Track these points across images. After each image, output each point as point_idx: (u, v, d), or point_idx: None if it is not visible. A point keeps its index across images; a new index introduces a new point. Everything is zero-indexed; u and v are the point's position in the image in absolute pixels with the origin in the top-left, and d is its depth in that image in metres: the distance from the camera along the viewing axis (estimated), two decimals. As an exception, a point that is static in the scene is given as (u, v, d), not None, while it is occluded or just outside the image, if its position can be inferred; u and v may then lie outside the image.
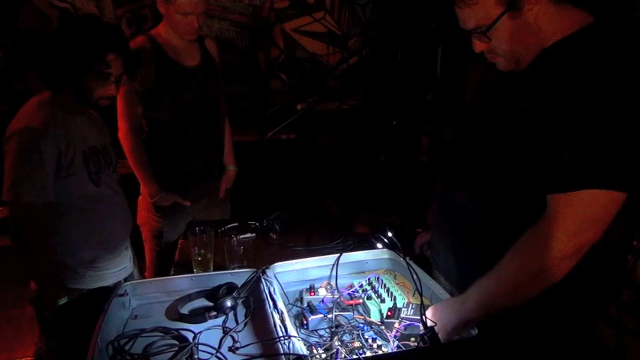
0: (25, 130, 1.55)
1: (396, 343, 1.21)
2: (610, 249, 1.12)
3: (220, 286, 1.40)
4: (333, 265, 1.51)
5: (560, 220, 1.02)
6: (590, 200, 0.99)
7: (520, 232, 1.09)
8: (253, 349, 1.19)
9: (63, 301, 1.66)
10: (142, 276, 2.13)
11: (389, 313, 1.29)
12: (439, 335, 1.16)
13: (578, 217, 1.00)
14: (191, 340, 1.21)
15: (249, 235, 1.98)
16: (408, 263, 1.39)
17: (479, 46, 1.18)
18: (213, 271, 1.68)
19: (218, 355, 1.18)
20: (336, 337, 1.20)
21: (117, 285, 1.40)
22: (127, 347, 1.17)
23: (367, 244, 1.74)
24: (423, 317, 1.19)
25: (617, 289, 1.31)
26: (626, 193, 0.99)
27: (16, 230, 1.59)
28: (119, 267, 1.86)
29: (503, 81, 1.24)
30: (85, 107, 1.74)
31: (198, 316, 1.31)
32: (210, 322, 1.31)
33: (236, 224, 2.12)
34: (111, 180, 1.81)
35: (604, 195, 0.99)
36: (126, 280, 1.88)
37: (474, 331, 1.16)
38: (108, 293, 1.33)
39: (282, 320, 1.20)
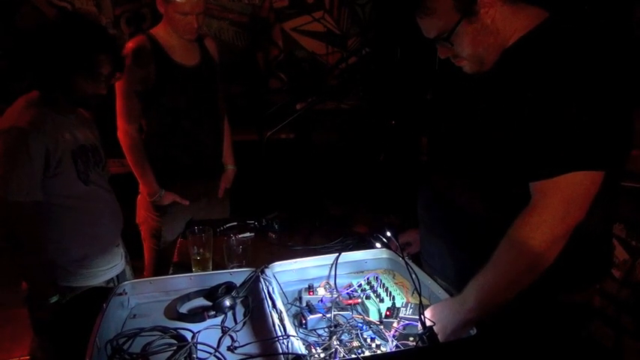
0: (12, 129, 1.55)
1: (395, 342, 1.21)
2: (593, 233, 1.17)
3: (219, 285, 1.40)
4: (332, 264, 1.52)
5: (548, 205, 1.07)
6: (572, 183, 1.05)
7: None
8: (252, 349, 1.19)
9: (54, 299, 1.66)
10: (137, 274, 2.13)
11: (387, 313, 1.29)
12: (438, 337, 1.16)
13: (564, 200, 1.06)
14: (190, 340, 1.21)
15: (248, 234, 1.99)
16: (407, 263, 1.39)
17: (443, 52, 1.24)
18: (212, 270, 1.68)
19: (217, 354, 1.18)
20: (334, 337, 1.20)
21: (110, 282, 1.40)
22: (125, 346, 1.18)
23: (366, 244, 1.74)
24: (422, 317, 1.19)
25: (605, 272, 1.38)
26: (604, 171, 1.05)
27: (4, 229, 1.59)
28: (110, 265, 1.86)
29: (473, 83, 1.28)
30: (73, 106, 1.74)
31: (196, 315, 1.31)
32: (208, 322, 1.31)
33: (235, 224, 2.12)
34: (100, 179, 1.81)
35: (585, 176, 1.05)
36: (118, 277, 1.88)
37: (473, 331, 1.16)
38: (101, 292, 1.33)
39: (281, 320, 1.20)
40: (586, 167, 1.04)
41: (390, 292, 1.39)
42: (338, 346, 1.16)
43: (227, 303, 1.33)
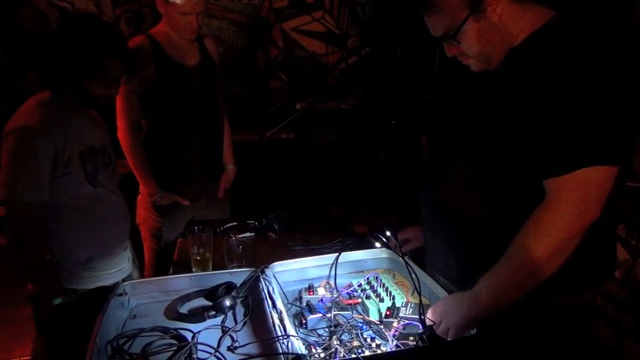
0: (21, 128, 1.54)
1: (395, 342, 1.21)
2: (599, 233, 1.15)
3: (219, 285, 1.40)
4: (332, 264, 1.52)
5: (564, 202, 1.06)
6: (588, 178, 1.04)
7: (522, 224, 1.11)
8: (252, 349, 1.19)
9: (58, 301, 1.66)
10: (141, 275, 2.13)
11: (388, 313, 1.29)
12: (449, 333, 1.16)
13: (581, 196, 1.05)
14: (190, 340, 1.21)
15: (248, 234, 1.99)
16: (406, 262, 1.39)
17: (450, 50, 1.24)
18: (212, 270, 1.68)
19: (217, 354, 1.18)
20: (334, 337, 1.21)
21: (115, 285, 1.40)
22: (125, 347, 1.18)
23: (366, 244, 1.74)
24: (422, 316, 1.19)
25: (610, 273, 1.36)
26: (618, 166, 1.04)
27: (11, 229, 1.59)
28: (116, 268, 1.85)
29: (473, 83, 1.29)
30: (84, 107, 1.74)
31: (197, 315, 1.32)
32: (209, 322, 1.31)
33: (235, 223, 2.12)
34: (109, 181, 1.80)
35: (600, 171, 1.04)
36: (124, 281, 1.87)
37: (473, 331, 1.16)
38: (105, 293, 1.32)
39: (281, 319, 1.21)
40: (602, 162, 1.03)
41: (390, 292, 1.39)
42: (338, 346, 1.16)
43: (227, 303, 1.33)
